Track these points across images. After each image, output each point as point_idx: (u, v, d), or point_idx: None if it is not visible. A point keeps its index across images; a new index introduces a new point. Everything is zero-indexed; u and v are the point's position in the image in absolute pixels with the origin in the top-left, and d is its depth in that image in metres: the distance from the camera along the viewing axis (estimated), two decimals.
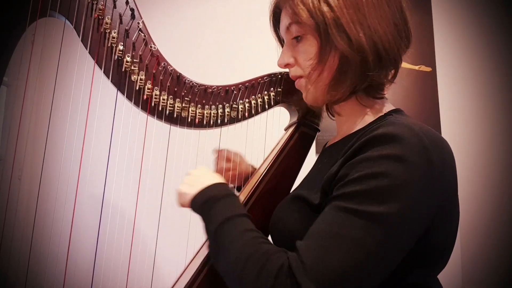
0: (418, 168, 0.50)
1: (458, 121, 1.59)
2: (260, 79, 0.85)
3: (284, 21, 0.70)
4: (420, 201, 0.50)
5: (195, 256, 0.79)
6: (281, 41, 0.81)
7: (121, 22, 0.77)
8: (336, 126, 0.76)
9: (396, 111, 0.67)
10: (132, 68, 0.78)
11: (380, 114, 0.67)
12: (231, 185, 0.92)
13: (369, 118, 0.67)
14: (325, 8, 0.62)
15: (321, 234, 0.51)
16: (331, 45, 0.62)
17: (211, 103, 0.82)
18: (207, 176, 0.72)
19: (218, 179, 0.72)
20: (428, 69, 1.63)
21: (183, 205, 0.73)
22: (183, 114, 0.81)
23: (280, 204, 0.71)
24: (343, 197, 0.52)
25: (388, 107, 0.69)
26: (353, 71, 0.62)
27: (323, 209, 0.55)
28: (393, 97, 1.65)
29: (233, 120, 0.84)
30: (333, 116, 0.78)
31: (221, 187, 0.69)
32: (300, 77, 0.71)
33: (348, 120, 0.71)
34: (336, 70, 0.64)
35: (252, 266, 0.52)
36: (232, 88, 0.84)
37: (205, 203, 0.66)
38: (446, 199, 0.54)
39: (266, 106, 0.86)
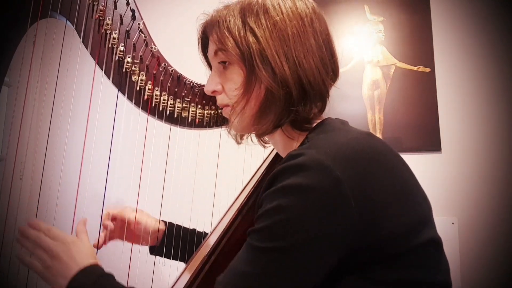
0: (320, 192, 0.49)
1: (457, 122, 1.60)
2: None
3: (211, 47, 0.68)
4: (325, 224, 0.49)
5: (194, 256, 0.80)
6: (210, 65, 0.77)
7: (121, 23, 0.78)
8: None
9: (314, 130, 0.64)
10: (133, 68, 0.78)
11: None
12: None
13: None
14: (251, 38, 0.61)
15: (232, 271, 0.54)
16: (256, 76, 0.61)
17: (211, 103, 0.83)
18: (75, 257, 0.65)
19: (88, 258, 0.66)
20: (427, 69, 1.63)
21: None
22: (183, 115, 0.81)
23: None
24: (250, 235, 0.54)
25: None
26: (277, 105, 0.61)
27: None
28: (392, 98, 1.65)
29: None
30: (266, 144, 0.78)
31: (91, 271, 0.64)
32: (227, 105, 0.69)
33: (284, 151, 0.70)
34: (261, 103, 0.63)
35: None
36: None
37: None
38: (375, 205, 0.51)
39: None
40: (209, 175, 1.01)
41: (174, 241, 0.91)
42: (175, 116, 0.81)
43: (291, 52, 0.60)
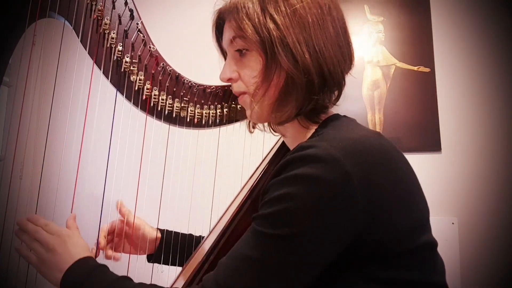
0: (329, 184, 0.49)
1: (457, 122, 1.59)
2: None
3: (228, 33, 0.67)
4: (330, 217, 0.49)
5: (192, 257, 0.80)
6: (223, 52, 0.76)
7: (120, 23, 0.78)
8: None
9: (325, 124, 0.64)
10: (131, 68, 0.78)
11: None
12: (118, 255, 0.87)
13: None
14: (271, 25, 0.59)
15: (235, 254, 0.55)
16: (276, 63, 0.60)
17: (209, 103, 0.83)
18: (70, 250, 0.66)
19: (82, 251, 0.67)
20: (427, 69, 1.63)
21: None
22: (182, 114, 0.81)
23: None
24: (255, 219, 0.55)
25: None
26: (299, 92, 0.60)
27: None
28: (392, 98, 1.65)
29: (231, 120, 0.84)
30: (275, 132, 0.77)
31: (86, 262, 0.65)
32: (244, 93, 0.68)
33: (293, 143, 0.69)
34: (281, 90, 0.62)
35: None
36: (230, 88, 0.84)
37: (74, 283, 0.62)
38: (379, 204, 0.52)
39: None
40: (208, 175, 1.01)
41: (171, 248, 0.91)
42: (174, 115, 0.81)
43: (311, 40, 0.60)
